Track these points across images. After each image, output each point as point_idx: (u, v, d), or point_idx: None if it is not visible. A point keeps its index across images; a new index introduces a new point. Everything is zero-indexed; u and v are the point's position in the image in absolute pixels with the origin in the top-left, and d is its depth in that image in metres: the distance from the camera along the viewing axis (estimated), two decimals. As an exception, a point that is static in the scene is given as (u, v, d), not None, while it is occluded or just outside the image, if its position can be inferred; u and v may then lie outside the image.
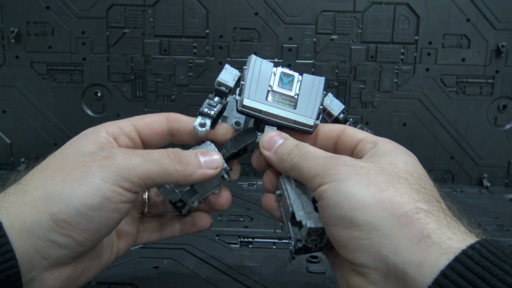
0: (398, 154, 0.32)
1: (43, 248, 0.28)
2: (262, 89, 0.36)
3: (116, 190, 0.30)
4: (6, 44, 0.76)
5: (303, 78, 0.38)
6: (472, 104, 0.79)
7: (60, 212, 0.28)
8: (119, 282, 0.41)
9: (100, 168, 0.30)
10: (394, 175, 0.29)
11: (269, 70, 0.38)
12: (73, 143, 0.34)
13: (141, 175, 0.31)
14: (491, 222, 0.61)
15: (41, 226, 0.28)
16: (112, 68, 0.77)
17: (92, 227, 0.29)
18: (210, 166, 0.35)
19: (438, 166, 0.80)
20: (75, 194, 0.29)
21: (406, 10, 0.76)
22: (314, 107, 0.37)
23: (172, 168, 0.33)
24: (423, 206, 0.27)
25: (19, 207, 0.28)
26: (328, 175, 0.30)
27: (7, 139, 0.79)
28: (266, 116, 0.36)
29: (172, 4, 0.75)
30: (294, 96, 0.37)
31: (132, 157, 0.31)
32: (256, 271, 0.44)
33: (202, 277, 0.43)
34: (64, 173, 0.30)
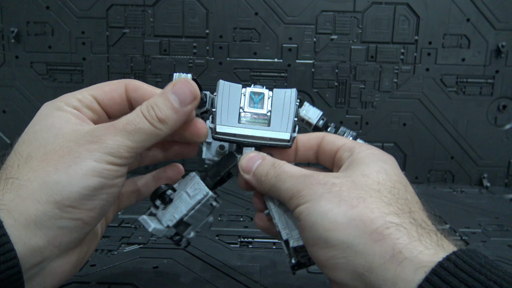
0: (372, 162, 0.32)
1: (54, 236, 0.29)
2: (234, 112, 0.36)
3: (111, 168, 0.31)
4: (6, 44, 0.76)
5: (274, 93, 0.37)
6: (472, 104, 0.79)
7: (64, 199, 0.29)
8: (119, 282, 0.41)
9: (89, 152, 0.30)
10: (366, 189, 0.29)
11: (238, 92, 0.37)
12: (44, 123, 0.33)
13: (130, 148, 0.31)
14: (491, 222, 0.61)
15: (48, 216, 0.28)
16: (112, 68, 0.77)
17: (96, 205, 0.30)
18: (186, 102, 0.33)
19: (438, 166, 0.80)
20: (74, 179, 0.29)
21: (406, 10, 0.76)
22: (288, 121, 0.36)
23: (153, 129, 0.32)
24: (394, 219, 0.27)
25: (19, 203, 0.28)
26: (303, 195, 0.30)
27: (7, 139, 0.79)
28: (241, 139, 0.36)
29: (172, 4, 0.75)
30: (266, 113, 0.37)
31: (115, 133, 0.31)
32: (256, 271, 0.44)
33: (202, 277, 0.43)
34: (54, 162, 0.30)
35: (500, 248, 0.52)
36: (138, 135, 0.32)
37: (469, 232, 0.57)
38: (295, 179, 0.31)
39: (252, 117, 0.36)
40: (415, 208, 0.30)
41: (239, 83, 0.38)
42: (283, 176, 0.32)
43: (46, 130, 0.32)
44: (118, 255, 0.47)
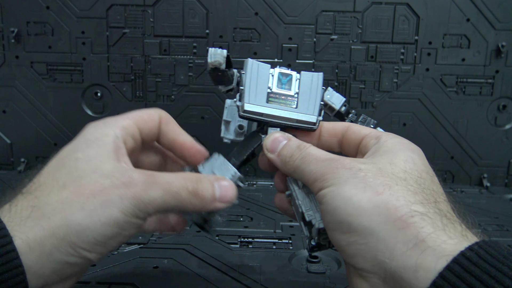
0: (399, 151, 0.32)
1: (60, 269, 0.29)
2: (262, 91, 0.36)
3: (132, 221, 0.30)
4: (6, 44, 0.76)
5: (301, 75, 0.38)
6: (472, 104, 0.79)
7: (79, 241, 0.29)
8: (119, 282, 0.41)
9: (120, 199, 0.30)
10: (392, 176, 0.29)
11: (266, 72, 0.37)
12: (87, 152, 0.33)
13: (158, 207, 0.31)
14: (491, 222, 0.61)
15: (61, 253, 0.29)
16: (112, 68, 0.77)
17: (107, 250, 0.31)
18: (223, 200, 0.34)
19: (438, 166, 0.80)
20: (94, 226, 0.29)
21: (406, 10, 0.76)
22: (315, 104, 0.37)
23: (188, 202, 0.32)
24: (418, 208, 0.27)
25: (37, 233, 0.28)
26: (327, 179, 0.30)
27: (7, 139, 0.79)
28: (268, 119, 0.36)
29: (172, 4, 0.75)
30: (294, 95, 0.37)
31: (151, 186, 0.31)
32: (256, 271, 0.44)
33: (202, 277, 0.43)
34: (83, 198, 0.30)
35: (500, 248, 0.52)
36: (171, 199, 0.31)
37: (469, 232, 0.57)
38: (321, 162, 0.31)
39: (280, 98, 0.37)
40: (440, 199, 0.29)
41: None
42: (308, 159, 0.32)
43: (87, 161, 0.32)
44: (118, 255, 0.47)
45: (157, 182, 0.31)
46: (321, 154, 0.32)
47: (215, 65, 0.36)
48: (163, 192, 0.31)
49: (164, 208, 0.32)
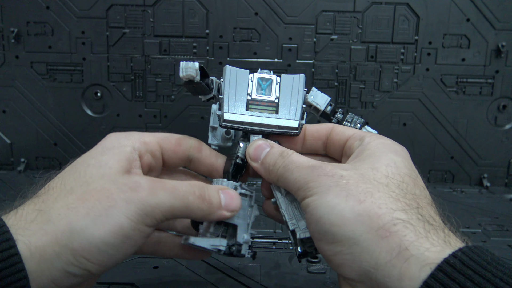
0: (382, 154, 0.32)
1: (59, 278, 0.28)
2: (241, 99, 0.36)
3: (139, 228, 0.30)
4: (6, 44, 0.76)
5: (282, 79, 0.37)
6: (472, 104, 0.79)
7: (81, 249, 0.28)
8: (119, 282, 0.41)
9: (126, 203, 0.29)
10: (374, 183, 0.29)
11: (245, 78, 0.36)
12: (97, 158, 0.33)
13: (165, 212, 0.31)
14: (491, 222, 0.61)
15: (61, 260, 0.28)
16: (112, 68, 0.77)
17: (109, 263, 0.30)
18: (228, 208, 0.34)
19: (438, 166, 0.80)
20: (98, 233, 0.28)
21: (406, 10, 0.76)
22: (297, 108, 0.36)
23: (195, 206, 0.32)
24: (401, 216, 0.27)
25: (40, 237, 0.28)
26: (310, 187, 0.30)
27: (7, 139, 0.79)
28: (249, 127, 0.36)
29: (172, 4, 0.75)
30: (274, 100, 0.36)
31: (158, 190, 0.31)
32: (256, 271, 0.44)
33: (202, 277, 0.43)
34: (89, 203, 0.29)
35: (500, 248, 0.52)
36: (178, 202, 0.31)
37: (469, 232, 0.57)
38: (303, 170, 0.31)
39: (260, 104, 0.36)
40: (423, 203, 0.29)
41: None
42: (290, 167, 0.32)
43: (98, 167, 0.32)
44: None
45: (164, 187, 0.31)
46: (303, 161, 0.32)
47: (188, 78, 0.34)
48: (170, 196, 0.31)
49: (172, 214, 0.31)
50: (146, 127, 0.79)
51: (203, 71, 0.35)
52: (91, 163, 0.32)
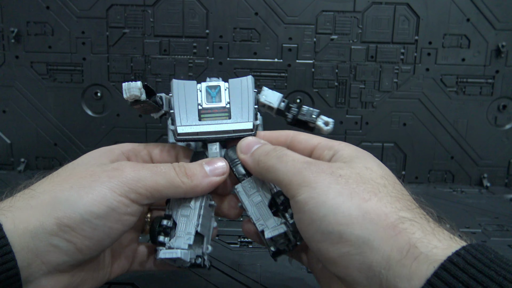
0: (368, 157, 0.32)
1: (43, 252, 0.28)
2: (192, 110, 0.36)
3: (123, 201, 0.30)
4: (6, 44, 0.76)
5: (230, 84, 0.38)
6: (472, 104, 0.79)
7: (65, 217, 0.28)
8: (119, 282, 0.41)
9: (109, 178, 0.30)
10: (373, 183, 0.28)
11: (193, 89, 0.37)
12: (87, 155, 0.35)
13: (149, 187, 0.31)
14: (491, 222, 0.61)
15: (45, 230, 0.28)
16: (112, 68, 0.77)
17: (94, 235, 0.30)
18: (216, 173, 0.34)
19: (438, 166, 0.80)
20: (82, 201, 0.29)
21: (406, 10, 0.76)
22: (249, 110, 0.36)
23: (178, 180, 0.33)
24: (406, 214, 0.26)
25: (25, 211, 0.28)
26: (307, 183, 0.28)
27: (7, 139, 0.79)
28: (204, 136, 0.36)
29: (172, 4, 0.75)
30: (225, 106, 0.37)
31: (140, 169, 0.32)
32: (256, 271, 0.44)
33: (202, 277, 0.43)
34: (73, 180, 0.30)
35: (500, 248, 0.52)
36: (161, 178, 0.32)
37: (469, 232, 0.57)
38: (298, 164, 0.30)
39: (212, 112, 0.36)
40: (416, 205, 0.29)
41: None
42: (285, 159, 0.31)
43: (83, 159, 0.34)
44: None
45: (145, 166, 0.32)
46: (299, 156, 0.31)
47: (133, 98, 0.34)
48: (152, 172, 0.32)
49: (157, 190, 0.32)
50: (146, 127, 0.79)
51: (148, 89, 0.35)
52: (79, 159, 0.34)
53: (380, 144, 0.79)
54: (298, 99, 0.78)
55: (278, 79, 0.77)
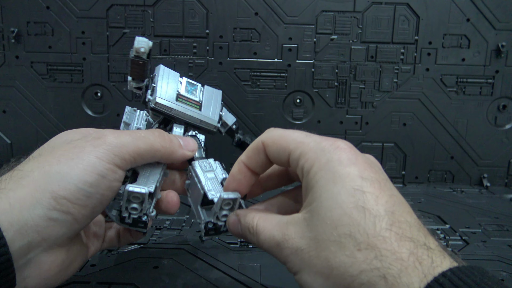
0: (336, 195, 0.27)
1: (43, 228, 0.29)
2: (172, 91, 0.40)
3: (111, 168, 0.32)
4: (6, 44, 0.76)
5: (205, 88, 0.43)
6: (472, 104, 0.79)
7: (60, 189, 0.29)
8: (119, 282, 0.41)
9: (94, 147, 0.31)
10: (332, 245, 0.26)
11: (176, 77, 0.41)
12: (61, 135, 0.35)
13: (132, 152, 0.33)
14: (491, 222, 0.61)
15: (42, 206, 0.28)
16: (112, 68, 0.77)
17: (89, 203, 0.31)
18: (188, 148, 0.38)
19: (438, 166, 0.80)
20: (74, 172, 0.30)
21: (406, 10, 0.76)
22: (216, 112, 0.42)
23: (158, 144, 0.35)
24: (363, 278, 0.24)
25: (17, 191, 0.28)
26: (287, 264, 0.29)
27: (7, 139, 0.79)
28: (175, 115, 0.40)
29: (172, 4, 0.75)
30: (199, 101, 0.41)
31: (121, 135, 0.33)
32: (256, 271, 0.44)
33: (202, 277, 0.43)
34: (58, 155, 0.31)
35: (500, 248, 0.52)
36: (142, 142, 0.34)
37: (469, 232, 0.57)
38: (272, 248, 0.30)
39: (187, 100, 0.40)
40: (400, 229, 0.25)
41: (240, 83, 0.40)
42: (260, 243, 0.31)
43: (59, 138, 0.35)
44: (118, 255, 0.47)
45: (125, 132, 0.34)
46: (268, 238, 0.30)
47: (139, 52, 0.39)
48: (132, 137, 0.33)
49: (139, 154, 0.33)
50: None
51: (150, 53, 0.40)
52: (54, 138, 0.35)
53: (380, 144, 0.79)
54: (298, 99, 0.78)
55: (278, 79, 0.77)
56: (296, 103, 0.78)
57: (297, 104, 0.79)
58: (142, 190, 0.34)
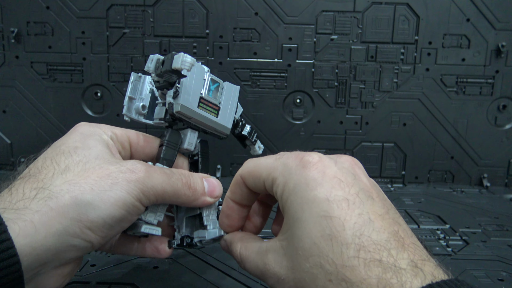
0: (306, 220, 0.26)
1: (63, 251, 0.29)
2: (196, 95, 0.38)
3: (136, 205, 0.32)
4: (6, 44, 0.76)
5: (225, 86, 0.40)
6: (472, 104, 0.79)
7: (88, 220, 0.29)
8: (119, 282, 0.41)
9: (127, 182, 0.31)
10: (307, 275, 0.26)
11: (202, 76, 0.38)
12: (85, 142, 0.34)
13: (157, 194, 0.33)
14: (491, 222, 0.61)
15: (68, 233, 0.29)
16: (112, 68, 0.77)
17: (110, 235, 0.31)
18: (211, 194, 0.37)
19: (438, 166, 0.80)
20: (105, 205, 0.30)
21: (406, 10, 0.76)
22: (231, 117, 0.40)
23: (182, 192, 0.35)
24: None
25: (44, 214, 0.28)
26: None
27: (7, 139, 0.79)
28: (194, 122, 0.38)
29: (172, 4, 0.75)
30: (218, 104, 0.39)
31: (153, 175, 0.33)
32: (256, 271, 0.44)
33: (202, 277, 0.43)
34: (91, 180, 0.30)
35: (500, 248, 0.52)
36: (169, 187, 0.34)
37: (469, 232, 0.57)
38: (258, 276, 0.30)
39: (208, 105, 0.39)
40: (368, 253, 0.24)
41: (240, 83, 0.39)
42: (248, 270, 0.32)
43: (87, 149, 0.33)
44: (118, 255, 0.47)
45: (157, 171, 0.33)
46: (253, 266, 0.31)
47: (181, 69, 0.33)
48: (163, 180, 0.33)
49: (162, 197, 0.34)
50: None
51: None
52: (78, 146, 0.33)
53: (380, 144, 0.79)
54: (298, 99, 0.78)
55: (278, 79, 0.77)
56: (296, 103, 0.78)
57: (297, 104, 0.79)
58: (155, 232, 0.36)
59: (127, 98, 0.40)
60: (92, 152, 0.33)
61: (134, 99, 0.41)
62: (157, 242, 0.39)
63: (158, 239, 0.39)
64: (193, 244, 0.39)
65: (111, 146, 0.35)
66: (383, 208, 0.27)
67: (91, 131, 0.35)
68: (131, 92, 0.40)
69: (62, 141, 0.34)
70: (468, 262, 0.48)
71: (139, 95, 0.41)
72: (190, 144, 0.40)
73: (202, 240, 0.39)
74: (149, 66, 0.36)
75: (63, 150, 0.33)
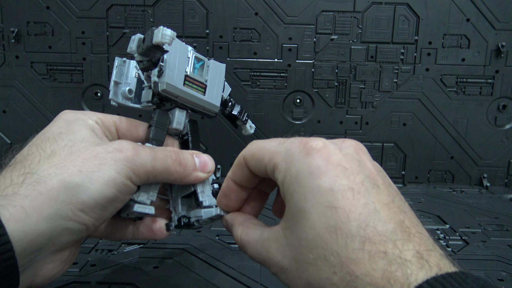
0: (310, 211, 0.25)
1: (57, 235, 0.29)
2: (180, 74, 0.37)
3: (127, 184, 0.32)
4: (6, 44, 0.76)
5: (211, 64, 0.40)
6: (472, 104, 0.79)
7: (79, 203, 0.29)
8: (119, 282, 0.41)
9: (115, 161, 0.31)
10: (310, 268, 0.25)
11: (185, 53, 0.38)
12: (69, 127, 0.34)
13: (147, 172, 0.33)
14: (491, 222, 0.61)
15: (60, 216, 0.28)
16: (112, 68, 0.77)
17: (103, 216, 0.31)
18: (203, 169, 0.37)
19: (438, 166, 0.80)
20: (95, 186, 0.30)
21: (406, 10, 0.76)
22: (219, 95, 0.40)
23: (173, 169, 0.35)
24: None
25: (34, 198, 0.28)
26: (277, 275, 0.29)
27: (7, 139, 0.79)
28: (181, 101, 0.38)
29: (172, 4, 0.75)
30: (204, 82, 0.39)
31: (141, 152, 0.33)
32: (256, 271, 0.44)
33: (202, 277, 0.43)
34: (78, 163, 0.30)
35: (500, 248, 0.52)
36: (159, 164, 0.34)
37: (469, 232, 0.57)
38: (260, 263, 0.30)
39: (194, 83, 0.38)
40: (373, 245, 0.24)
41: (240, 83, 0.39)
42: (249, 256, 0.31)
43: (72, 133, 0.33)
44: (118, 255, 0.47)
45: (145, 149, 0.33)
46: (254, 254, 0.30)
47: (161, 44, 0.33)
48: (151, 157, 0.33)
49: (153, 175, 0.33)
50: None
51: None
52: (63, 131, 0.33)
53: (380, 144, 0.79)
54: (298, 99, 0.78)
55: (278, 79, 0.77)
56: (296, 103, 0.78)
57: (297, 104, 0.79)
58: (148, 211, 0.35)
59: (112, 82, 0.40)
60: (77, 136, 0.33)
61: (120, 83, 0.40)
62: (152, 223, 0.38)
63: (153, 220, 0.39)
64: (191, 224, 0.38)
65: (96, 130, 0.35)
66: (389, 196, 0.26)
67: (76, 117, 0.35)
68: (116, 77, 0.40)
69: (47, 129, 0.34)
70: (468, 262, 0.48)
71: (125, 79, 0.40)
72: (178, 123, 0.39)
73: (199, 219, 0.37)
74: (131, 46, 0.36)
75: (48, 137, 0.33)
